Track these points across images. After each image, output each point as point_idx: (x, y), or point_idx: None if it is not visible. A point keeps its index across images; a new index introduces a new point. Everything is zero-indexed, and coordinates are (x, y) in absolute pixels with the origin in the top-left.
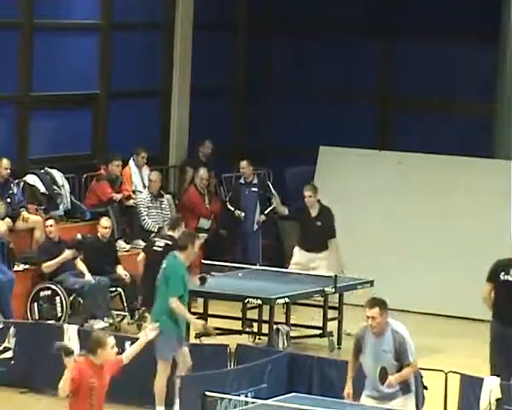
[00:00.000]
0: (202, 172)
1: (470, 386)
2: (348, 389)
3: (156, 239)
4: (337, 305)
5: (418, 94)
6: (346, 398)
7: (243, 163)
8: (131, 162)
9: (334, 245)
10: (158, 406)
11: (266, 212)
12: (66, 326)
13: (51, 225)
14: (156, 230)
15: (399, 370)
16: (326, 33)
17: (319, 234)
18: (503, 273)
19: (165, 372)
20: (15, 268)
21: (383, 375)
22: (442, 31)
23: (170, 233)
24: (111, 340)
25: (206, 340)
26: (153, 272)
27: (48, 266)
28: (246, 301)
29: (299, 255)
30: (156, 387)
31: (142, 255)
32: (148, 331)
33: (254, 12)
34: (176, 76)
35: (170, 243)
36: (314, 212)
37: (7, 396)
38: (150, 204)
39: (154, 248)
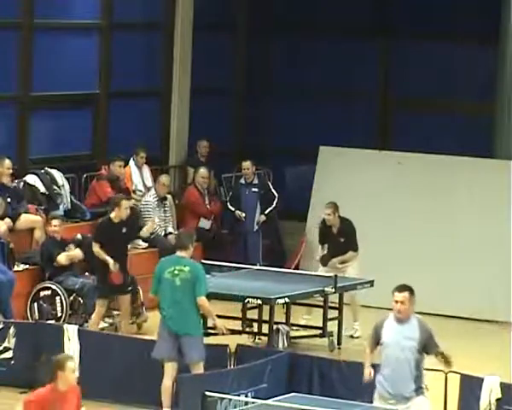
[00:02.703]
0: (202, 170)
1: (470, 386)
2: (368, 370)
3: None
4: (337, 305)
5: (418, 94)
6: (367, 376)
7: (247, 164)
8: (131, 162)
9: (355, 257)
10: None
11: (266, 212)
12: (66, 326)
13: (55, 226)
14: (163, 234)
15: (417, 364)
16: (326, 33)
17: (343, 249)
18: None
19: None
20: (15, 268)
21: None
22: (442, 31)
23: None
24: (71, 364)
25: (206, 340)
26: None
27: (67, 256)
28: (246, 301)
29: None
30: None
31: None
32: None
33: (254, 12)
34: (176, 76)
35: None
36: (335, 229)
37: (7, 396)
38: (157, 208)
39: None
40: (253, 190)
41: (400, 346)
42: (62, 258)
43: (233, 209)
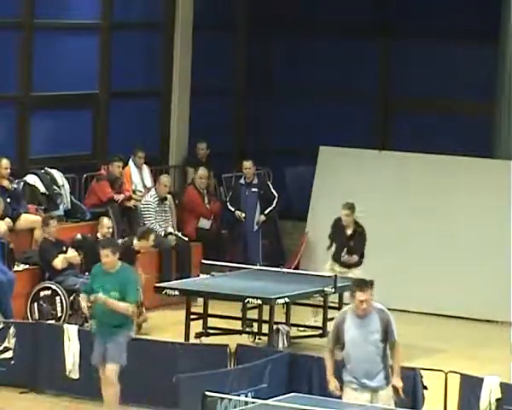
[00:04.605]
0: (201, 171)
1: (470, 386)
2: (334, 382)
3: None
4: (337, 305)
5: (418, 94)
6: (335, 391)
7: (248, 163)
8: (130, 162)
9: (358, 266)
10: None
11: (266, 212)
12: (66, 326)
13: (54, 226)
14: (163, 234)
15: (383, 354)
16: (326, 33)
17: (353, 253)
18: None
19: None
20: (15, 268)
21: (395, 393)
22: (442, 30)
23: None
24: None
25: (206, 340)
26: None
27: (64, 259)
28: (246, 301)
29: (331, 266)
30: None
31: None
32: None
33: (254, 12)
34: (176, 76)
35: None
36: (349, 230)
37: (7, 396)
38: (157, 208)
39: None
40: (253, 190)
41: (366, 341)
42: (58, 263)
43: (233, 209)
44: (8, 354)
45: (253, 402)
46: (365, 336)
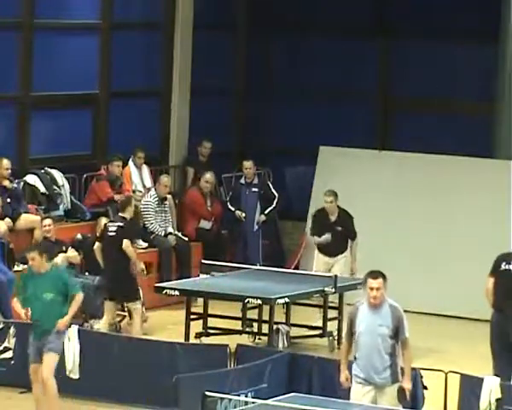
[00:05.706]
0: (208, 176)
1: (470, 386)
2: (345, 375)
3: (109, 224)
4: (337, 305)
5: (418, 94)
6: (344, 383)
7: (248, 163)
8: (130, 163)
9: (354, 246)
10: None
11: (266, 212)
12: None
13: (49, 225)
14: (163, 234)
15: (391, 351)
16: (326, 33)
17: (339, 239)
18: (504, 263)
19: None
20: (15, 268)
21: (402, 395)
22: (442, 30)
23: (121, 214)
24: None
25: (206, 340)
26: (109, 259)
27: (63, 258)
28: (246, 301)
29: (318, 261)
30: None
31: (97, 244)
32: None
33: (254, 12)
34: (176, 76)
35: (122, 224)
36: (333, 217)
37: (7, 396)
38: (157, 208)
39: (108, 233)
40: (253, 190)
41: (374, 334)
42: (58, 263)
43: (233, 209)
44: (8, 354)
45: (253, 402)
46: (375, 327)
